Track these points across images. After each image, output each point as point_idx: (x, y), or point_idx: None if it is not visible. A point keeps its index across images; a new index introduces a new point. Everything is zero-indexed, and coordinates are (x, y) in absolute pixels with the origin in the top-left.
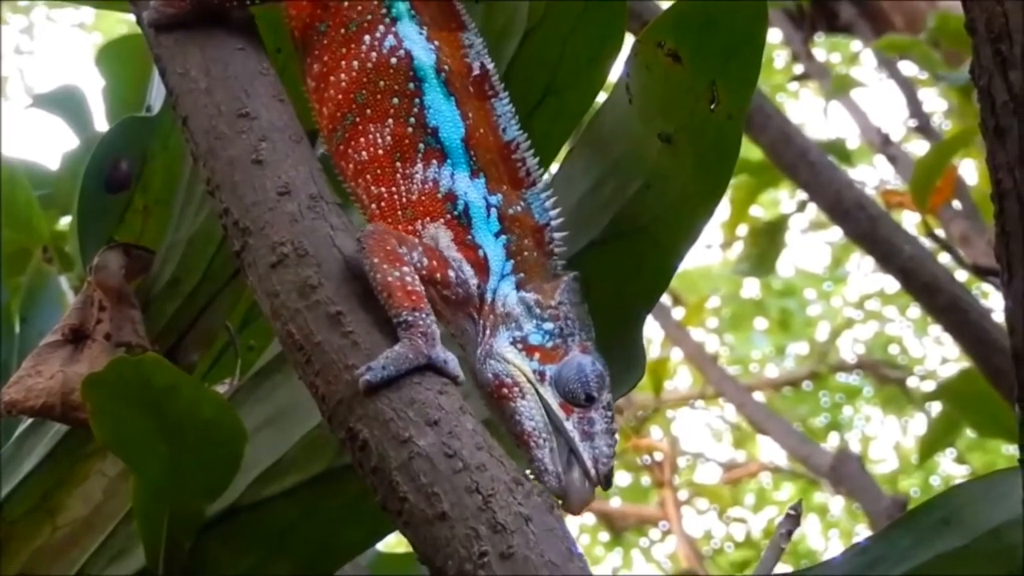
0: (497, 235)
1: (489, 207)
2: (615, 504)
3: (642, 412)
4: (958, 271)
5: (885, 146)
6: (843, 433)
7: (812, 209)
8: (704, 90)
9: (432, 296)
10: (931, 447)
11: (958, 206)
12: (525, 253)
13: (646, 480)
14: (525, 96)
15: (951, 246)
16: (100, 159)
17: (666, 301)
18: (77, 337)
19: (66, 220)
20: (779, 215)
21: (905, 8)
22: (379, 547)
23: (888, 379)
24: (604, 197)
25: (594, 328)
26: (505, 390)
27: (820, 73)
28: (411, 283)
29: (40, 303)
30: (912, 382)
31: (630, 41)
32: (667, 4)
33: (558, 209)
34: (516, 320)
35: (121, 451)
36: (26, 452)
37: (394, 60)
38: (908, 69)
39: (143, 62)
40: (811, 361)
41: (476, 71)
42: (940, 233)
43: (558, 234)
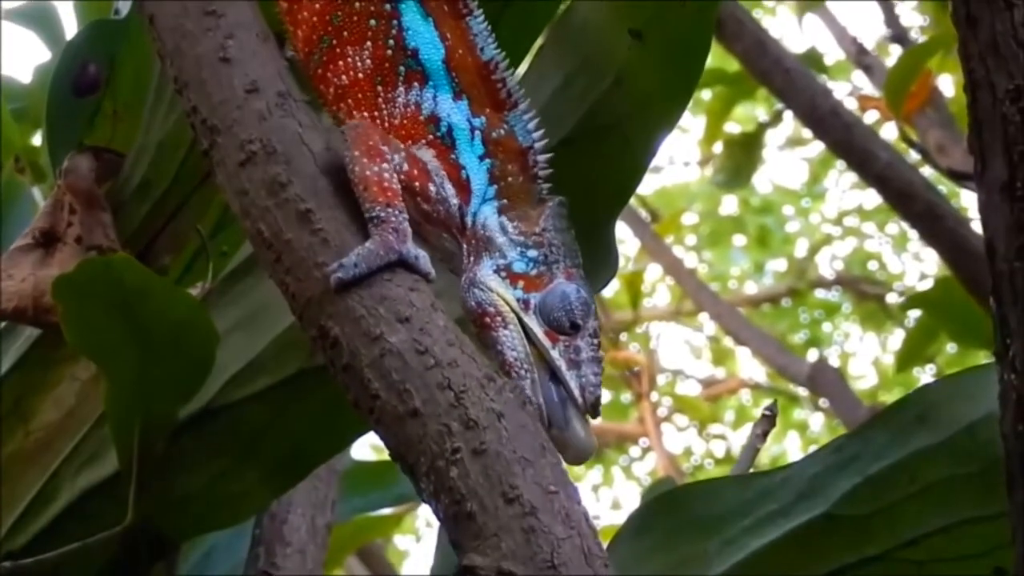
0: (481, 158)
1: (473, 130)
2: (595, 422)
3: (624, 333)
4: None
5: (860, 56)
6: (822, 349)
7: (789, 125)
8: None
9: (411, 210)
10: (909, 356)
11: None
12: (509, 179)
13: (626, 397)
14: None
15: (926, 151)
16: (68, 63)
17: (644, 216)
18: (48, 240)
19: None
20: (755, 125)
21: None
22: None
23: (867, 295)
24: (574, 95)
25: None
26: (488, 319)
27: None
28: (388, 180)
29: (12, 214)
30: (891, 298)
31: None
32: None
33: (541, 131)
34: (499, 248)
35: (92, 353)
36: None
37: None
38: None
39: None
40: (790, 278)
41: None
42: (916, 143)
43: (542, 156)
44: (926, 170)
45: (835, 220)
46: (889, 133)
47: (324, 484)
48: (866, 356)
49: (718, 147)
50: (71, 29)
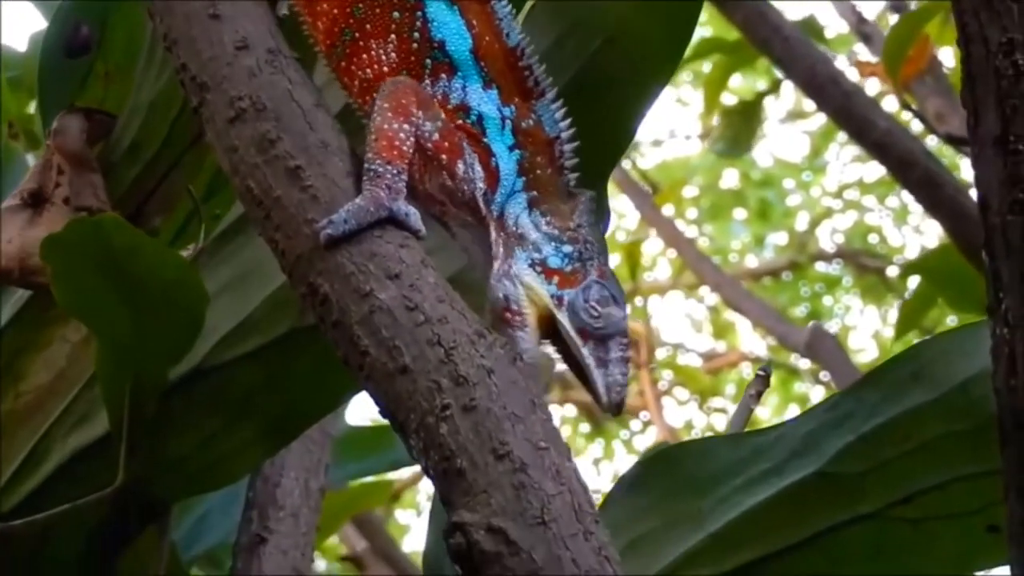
0: (511, 149)
1: (504, 119)
2: None
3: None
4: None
5: (860, 24)
6: (823, 322)
7: (790, 99)
8: None
9: (435, 187)
10: (906, 323)
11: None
12: (538, 171)
13: None
14: None
15: (924, 116)
16: (60, 24)
17: (645, 188)
18: (36, 201)
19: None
20: (755, 94)
21: None
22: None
23: (868, 268)
24: (566, 54)
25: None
26: (508, 315)
27: None
28: (402, 140)
29: (6, 180)
30: (892, 271)
31: None
32: None
33: (568, 120)
34: (534, 242)
35: (82, 314)
36: None
37: None
38: None
39: None
40: (790, 251)
41: None
42: (914, 109)
43: (569, 146)
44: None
45: (836, 193)
46: (890, 105)
47: (317, 447)
48: (867, 329)
49: (717, 121)
50: None
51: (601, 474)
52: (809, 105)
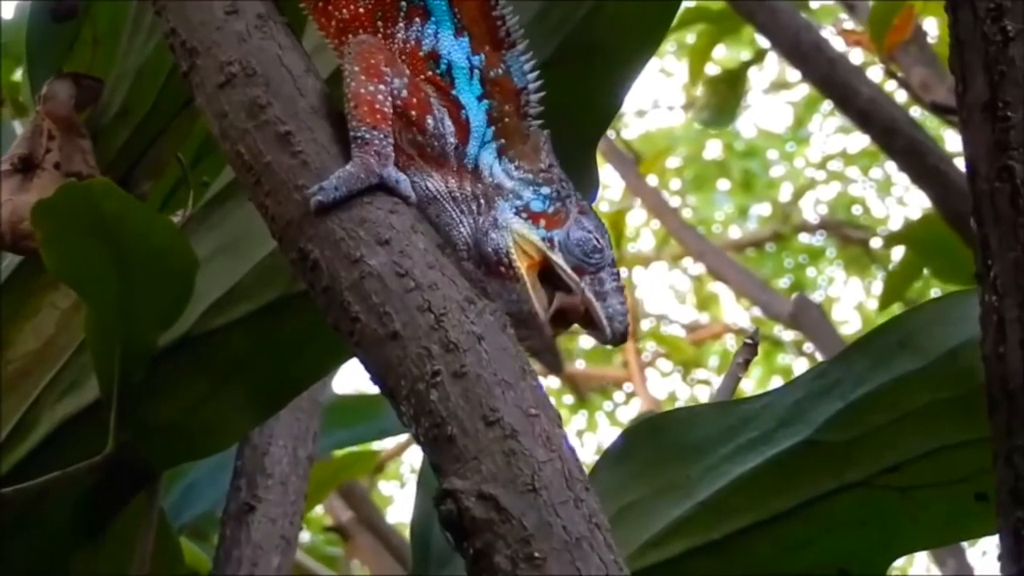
0: (480, 99)
1: (472, 68)
2: (579, 366)
3: None
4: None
5: None
6: (806, 293)
7: (774, 69)
8: None
9: (404, 142)
10: (892, 293)
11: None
12: (506, 120)
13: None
14: None
15: (910, 85)
16: None
17: (629, 157)
18: (26, 166)
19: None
20: (739, 63)
21: None
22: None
23: (851, 240)
24: (554, 19)
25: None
26: (502, 268)
27: None
28: (381, 102)
29: None
30: (875, 243)
31: None
32: None
33: (536, 72)
34: (511, 190)
35: (72, 280)
36: None
37: None
38: None
39: None
40: (774, 222)
41: None
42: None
43: (535, 97)
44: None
45: (819, 164)
46: (875, 75)
47: (306, 416)
48: (850, 301)
49: (702, 90)
50: None
51: (584, 446)
52: (793, 75)
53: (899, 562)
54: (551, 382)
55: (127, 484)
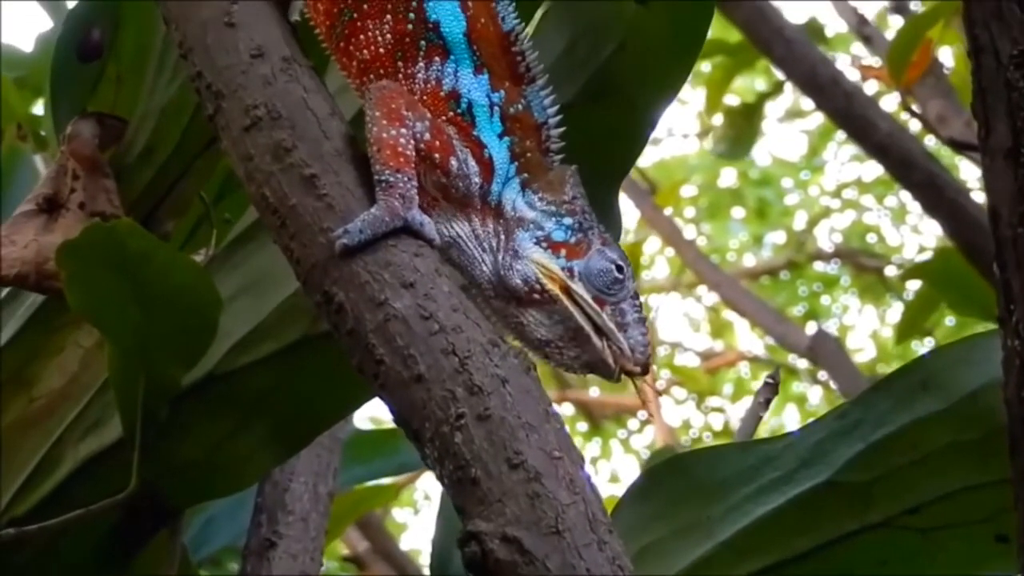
0: (500, 136)
1: (492, 106)
2: (593, 394)
3: None
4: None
5: (861, 26)
6: (821, 322)
7: (788, 98)
8: None
9: (429, 184)
10: (908, 327)
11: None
12: (528, 154)
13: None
14: None
15: (927, 120)
16: (72, 28)
17: (644, 187)
18: (51, 206)
19: (41, 104)
20: (756, 95)
21: None
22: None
23: (866, 268)
24: (578, 59)
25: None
26: (536, 295)
27: None
28: (403, 145)
29: (14, 181)
30: (890, 271)
31: None
32: None
33: (556, 107)
34: (533, 221)
35: (96, 319)
36: (1, 324)
37: None
38: None
39: None
40: (789, 250)
41: None
42: (918, 113)
43: (555, 131)
44: (927, 143)
45: (834, 193)
46: (889, 104)
47: (327, 452)
48: (865, 329)
49: (718, 119)
50: None
51: (598, 473)
52: (807, 104)
53: None
54: (565, 409)
55: (150, 522)
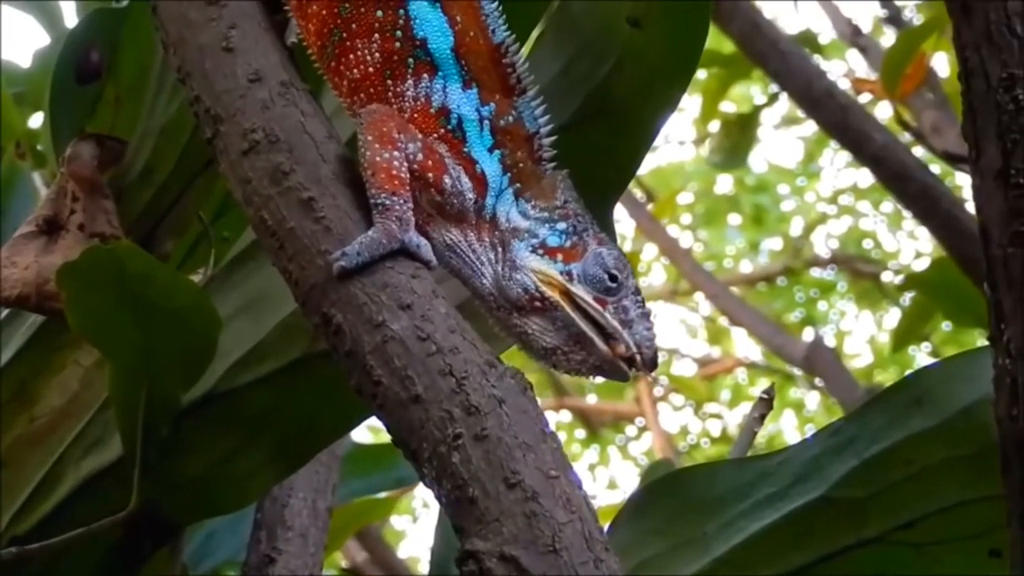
0: (491, 149)
1: (482, 120)
2: (591, 401)
3: None
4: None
5: (856, 37)
6: (818, 328)
7: (784, 104)
8: None
9: (424, 202)
10: (904, 336)
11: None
12: (520, 165)
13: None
14: None
15: (922, 134)
16: (71, 50)
17: (640, 196)
18: (51, 228)
19: (39, 118)
20: (751, 106)
21: None
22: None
23: (862, 274)
24: (575, 79)
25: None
26: (537, 303)
27: None
28: (397, 168)
29: (13, 198)
30: (886, 276)
31: None
32: None
33: (547, 116)
34: (528, 230)
35: (96, 339)
36: (2, 343)
37: None
38: None
39: None
40: (785, 256)
41: None
42: (912, 126)
43: (547, 140)
44: (920, 150)
45: (830, 199)
46: (883, 113)
47: (325, 468)
48: (861, 335)
49: (713, 126)
50: (69, 12)
51: (596, 480)
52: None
53: None
54: (563, 416)
55: (151, 539)
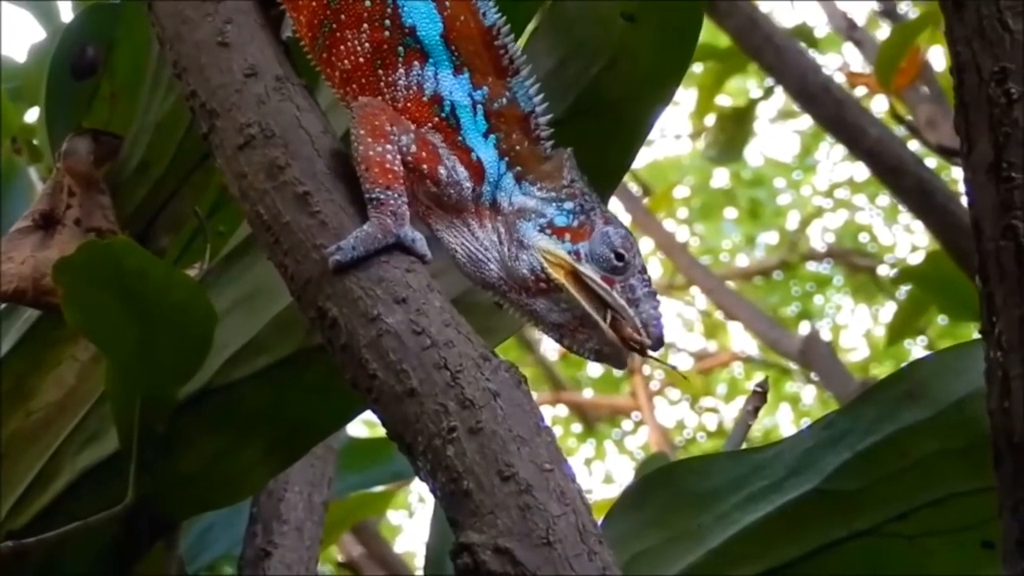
0: (486, 135)
1: (475, 104)
2: (587, 395)
3: None
4: (928, 159)
5: (851, 31)
6: (814, 322)
7: (780, 98)
8: None
9: (420, 194)
10: (899, 329)
11: (925, 93)
12: (517, 147)
13: (618, 370)
14: None
15: (916, 128)
16: (67, 46)
17: (636, 190)
18: (47, 223)
19: (34, 113)
20: (747, 100)
21: None
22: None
23: (858, 267)
24: (569, 76)
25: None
26: (542, 284)
27: None
28: (390, 161)
29: (10, 193)
30: (882, 270)
31: None
32: None
33: (542, 95)
34: (534, 210)
35: (92, 334)
36: None
37: None
38: None
39: None
40: (781, 250)
41: None
42: (907, 120)
43: (543, 119)
44: (915, 144)
45: (826, 192)
46: (879, 107)
47: (321, 462)
48: (858, 328)
49: (709, 120)
50: (65, 7)
51: (592, 474)
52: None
53: None
54: (559, 410)
55: (147, 534)
